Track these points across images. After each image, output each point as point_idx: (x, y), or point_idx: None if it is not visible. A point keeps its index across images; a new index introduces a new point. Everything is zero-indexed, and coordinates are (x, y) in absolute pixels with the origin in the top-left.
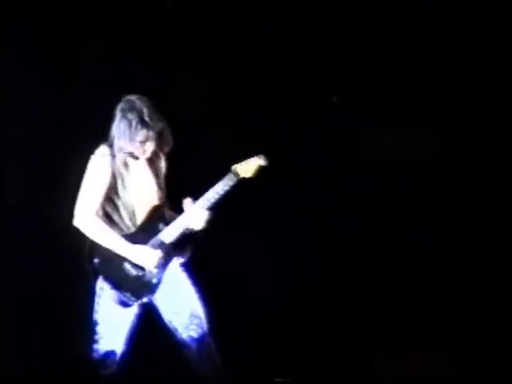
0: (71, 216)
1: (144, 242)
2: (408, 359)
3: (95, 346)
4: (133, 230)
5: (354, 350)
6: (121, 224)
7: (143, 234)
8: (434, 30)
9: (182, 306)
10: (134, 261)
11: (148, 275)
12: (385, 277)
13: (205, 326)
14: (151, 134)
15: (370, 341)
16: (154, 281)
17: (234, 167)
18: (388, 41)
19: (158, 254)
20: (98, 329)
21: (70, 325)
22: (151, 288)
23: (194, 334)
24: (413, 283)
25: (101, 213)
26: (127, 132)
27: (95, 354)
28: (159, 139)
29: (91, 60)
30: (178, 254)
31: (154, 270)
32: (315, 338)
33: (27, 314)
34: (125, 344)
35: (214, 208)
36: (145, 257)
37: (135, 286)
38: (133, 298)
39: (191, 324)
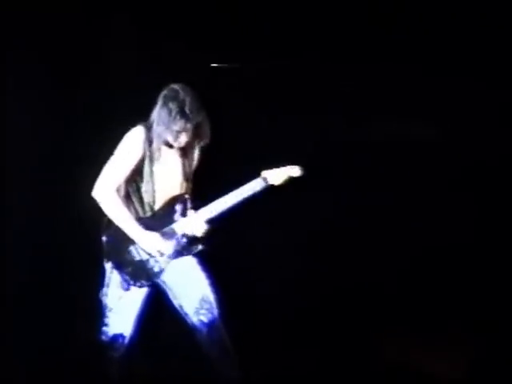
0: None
1: (157, 229)
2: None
3: (104, 329)
4: (149, 214)
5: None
6: (138, 207)
7: (158, 221)
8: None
9: (192, 291)
10: (141, 245)
11: (152, 262)
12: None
13: (215, 310)
14: (189, 125)
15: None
16: (156, 269)
17: (264, 173)
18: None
19: (166, 243)
20: (108, 312)
21: (81, 308)
22: (152, 276)
23: (205, 319)
24: (418, 280)
25: (122, 192)
26: (166, 120)
27: (104, 337)
28: (196, 131)
29: (132, 45)
30: (189, 248)
31: (160, 258)
32: (323, 328)
33: (38, 297)
34: (134, 327)
35: (233, 210)
36: (152, 243)
37: (136, 271)
38: (131, 282)
39: (201, 308)
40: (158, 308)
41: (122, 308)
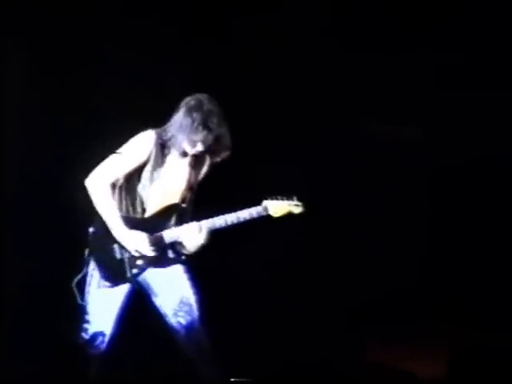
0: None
1: (147, 232)
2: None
3: (85, 326)
4: (139, 216)
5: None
6: (130, 206)
7: (149, 225)
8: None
9: (172, 293)
10: (121, 242)
11: (131, 263)
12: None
13: (194, 313)
14: (210, 137)
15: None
16: (135, 271)
17: (265, 202)
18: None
19: (148, 246)
20: (89, 309)
21: (63, 308)
22: (130, 277)
23: (183, 321)
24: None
25: (117, 188)
26: (188, 129)
27: (84, 335)
28: (215, 143)
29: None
30: (172, 259)
31: (140, 262)
32: (304, 329)
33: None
34: (114, 325)
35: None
36: (133, 241)
37: (115, 270)
38: (108, 280)
39: (180, 311)
40: (140, 306)
41: (103, 306)
